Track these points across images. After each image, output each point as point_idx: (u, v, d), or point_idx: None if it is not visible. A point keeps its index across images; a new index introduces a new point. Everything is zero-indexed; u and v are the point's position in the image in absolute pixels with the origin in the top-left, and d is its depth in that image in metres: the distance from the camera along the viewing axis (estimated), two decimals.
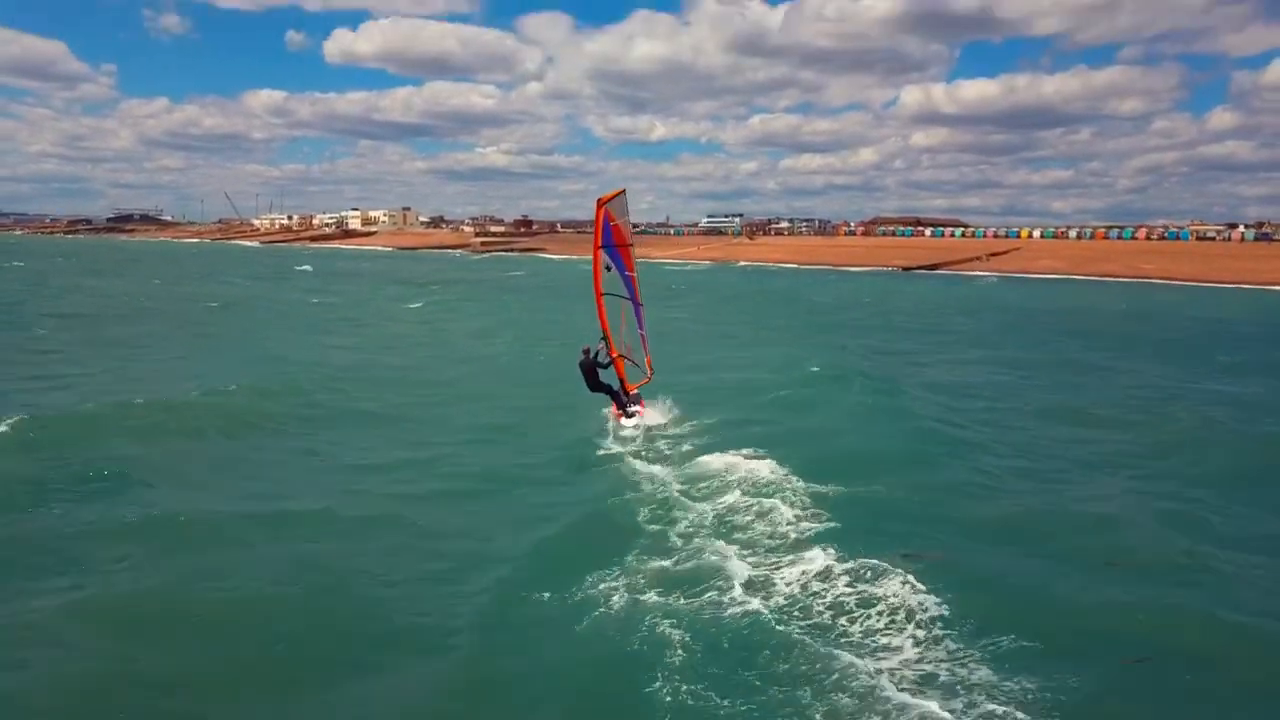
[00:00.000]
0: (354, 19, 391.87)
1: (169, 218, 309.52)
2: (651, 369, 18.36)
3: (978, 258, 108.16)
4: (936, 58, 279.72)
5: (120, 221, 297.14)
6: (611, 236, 17.59)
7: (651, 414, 17.54)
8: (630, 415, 17.21)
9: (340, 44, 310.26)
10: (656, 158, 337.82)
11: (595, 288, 17.27)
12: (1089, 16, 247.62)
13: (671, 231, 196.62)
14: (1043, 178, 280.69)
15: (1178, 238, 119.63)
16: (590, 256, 18.15)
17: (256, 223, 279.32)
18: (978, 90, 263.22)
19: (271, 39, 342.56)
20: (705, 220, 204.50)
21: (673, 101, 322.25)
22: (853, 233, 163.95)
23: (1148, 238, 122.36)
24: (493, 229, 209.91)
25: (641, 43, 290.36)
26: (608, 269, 17.44)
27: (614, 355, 17.38)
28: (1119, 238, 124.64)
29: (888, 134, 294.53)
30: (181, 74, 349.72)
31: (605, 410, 17.70)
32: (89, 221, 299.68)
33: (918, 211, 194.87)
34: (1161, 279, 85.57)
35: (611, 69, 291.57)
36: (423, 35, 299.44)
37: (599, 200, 17.42)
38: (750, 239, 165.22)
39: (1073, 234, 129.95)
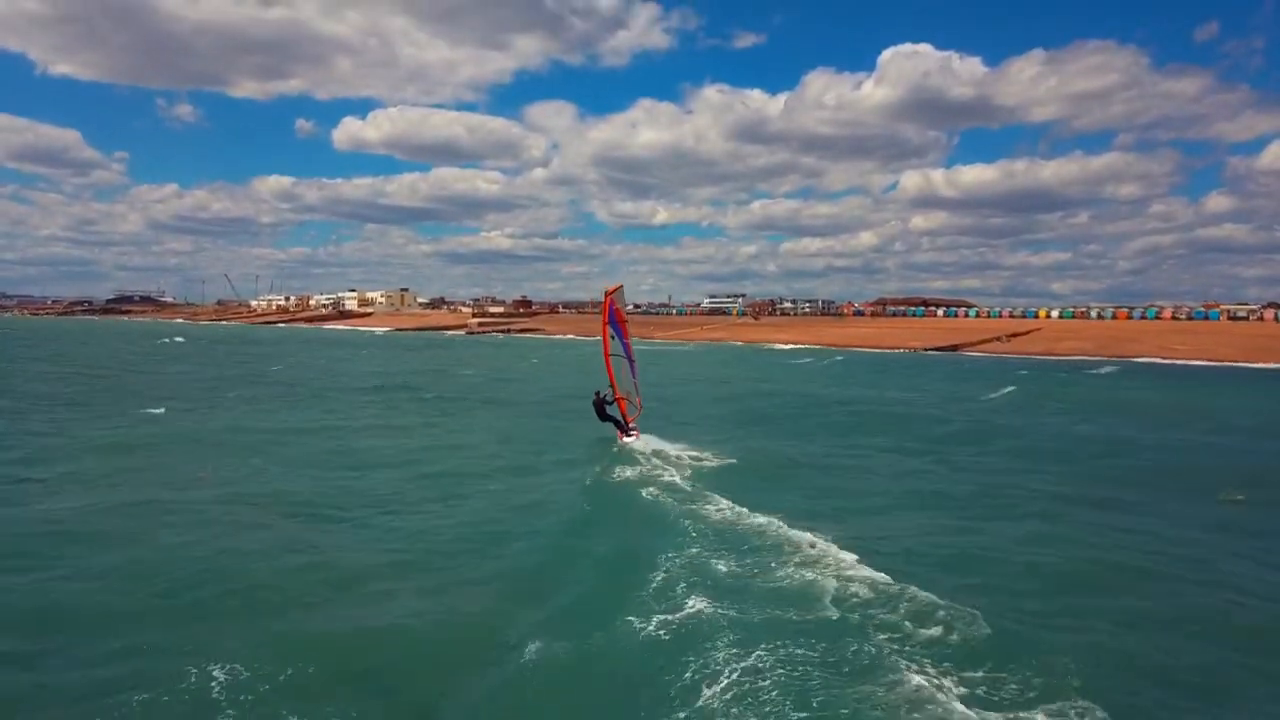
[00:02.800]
0: (363, 107, 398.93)
1: (170, 299, 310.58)
2: (641, 405, 24.95)
3: (998, 338, 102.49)
4: (935, 144, 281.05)
5: (119, 303, 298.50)
6: (615, 316, 24.33)
7: (645, 437, 23.54)
8: (630, 436, 23.56)
9: (349, 131, 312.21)
10: (659, 241, 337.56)
11: (604, 352, 24.06)
12: (1084, 104, 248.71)
13: (673, 312, 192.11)
14: (1042, 260, 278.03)
15: (1206, 317, 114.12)
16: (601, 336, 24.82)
17: (254, 304, 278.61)
18: (976, 175, 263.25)
19: (281, 127, 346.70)
20: (708, 301, 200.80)
21: (675, 187, 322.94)
22: (861, 313, 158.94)
23: (1173, 317, 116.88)
24: (491, 310, 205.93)
25: (644, 130, 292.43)
26: (613, 338, 24.12)
27: (618, 397, 24.05)
28: (1142, 317, 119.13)
29: (887, 217, 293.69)
30: (192, 160, 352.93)
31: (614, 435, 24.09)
32: (89, 303, 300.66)
33: (918, 293, 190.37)
34: (1200, 361, 79.24)
35: (615, 155, 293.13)
36: (430, 123, 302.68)
37: (607, 290, 24.81)
38: (755, 320, 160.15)
39: (1093, 314, 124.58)
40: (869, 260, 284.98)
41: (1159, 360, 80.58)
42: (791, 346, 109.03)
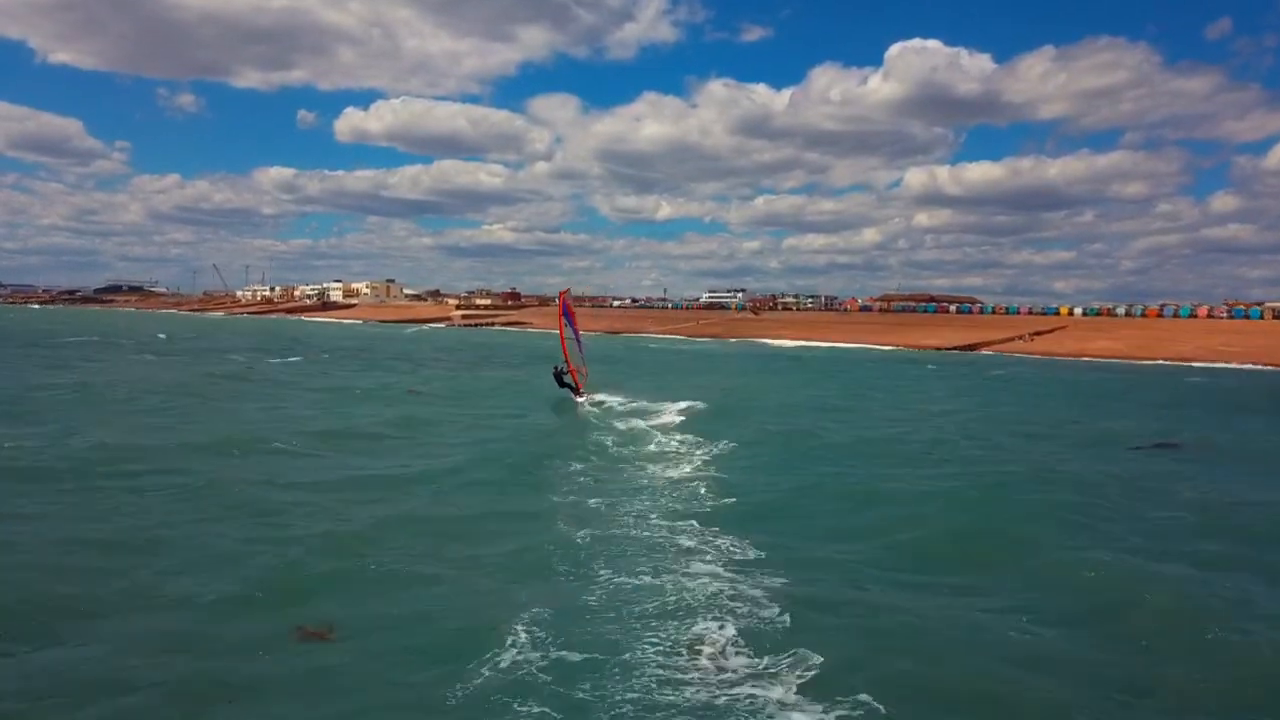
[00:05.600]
0: (365, 99, 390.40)
1: (164, 289, 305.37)
2: (586, 374, 33.89)
3: (1020, 337, 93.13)
4: (941, 141, 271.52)
5: (108, 292, 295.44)
6: (567, 310, 35.55)
7: (594, 397, 32.53)
8: (580, 398, 32.09)
9: (351, 122, 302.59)
10: (661, 236, 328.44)
11: (560, 336, 34.47)
12: (1093, 102, 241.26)
13: (669, 305, 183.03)
14: (1045, 258, 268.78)
15: (1246, 316, 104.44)
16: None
17: (239, 294, 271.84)
18: (982, 173, 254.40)
19: (283, 117, 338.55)
20: (706, 295, 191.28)
21: (679, 182, 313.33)
22: (868, 308, 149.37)
23: (1209, 315, 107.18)
24: (478, 302, 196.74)
25: (649, 124, 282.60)
26: (568, 325, 34.52)
27: (571, 369, 33.11)
28: (1174, 315, 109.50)
29: (891, 214, 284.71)
30: (194, 151, 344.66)
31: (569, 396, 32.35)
32: (74, 292, 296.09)
33: (921, 291, 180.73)
34: (1259, 365, 69.65)
35: (619, 149, 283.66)
36: (433, 115, 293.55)
37: (560, 292, 39.14)
38: (755, 315, 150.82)
39: (1120, 311, 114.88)
40: (872, 257, 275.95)
41: (1213, 364, 70.89)
42: (796, 343, 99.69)
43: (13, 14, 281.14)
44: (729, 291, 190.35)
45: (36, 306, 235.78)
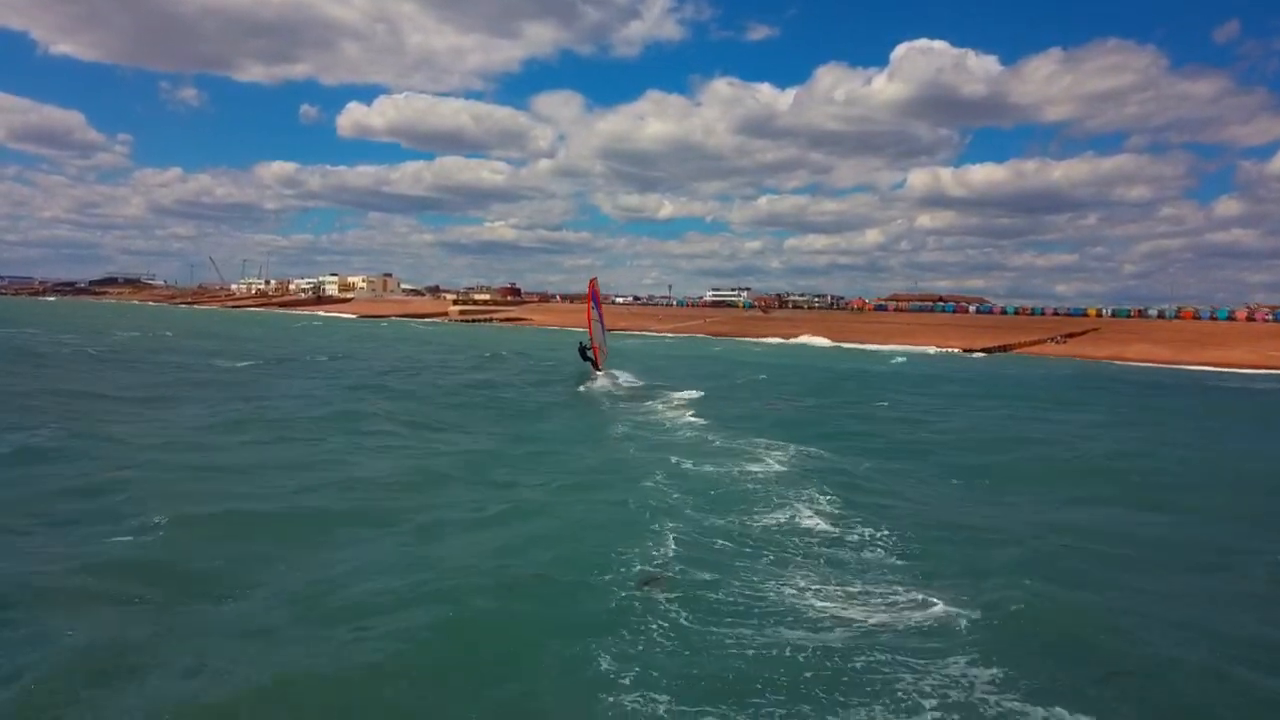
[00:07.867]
0: (369, 94, 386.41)
1: (160, 282, 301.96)
2: (606, 353, 41.74)
3: (1052, 339, 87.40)
4: (946, 142, 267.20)
5: (101, 284, 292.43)
6: (595, 296, 42.27)
7: (611, 373, 39.46)
8: (600, 372, 38.58)
9: (353, 118, 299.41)
10: (663, 235, 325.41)
11: (587, 318, 41.51)
12: (1099, 105, 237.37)
13: (673, 303, 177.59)
14: (1047, 261, 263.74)
15: None
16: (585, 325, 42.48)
17: (234, 288, 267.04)
18: (986, 175, 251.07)
19: (286, 112, 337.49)
20: (710, 293, 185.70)
21: (682, 181, 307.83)
22: (883, 308, 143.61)
23: (1248, 318, 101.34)
24: (476, 297, 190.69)
25: (652, 123, 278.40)
26: (594, 310, 41.34)
27: (594, 346, 40.11)
28: (1211, 317, 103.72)
29: (894, 215, 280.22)
30: (195, 145, 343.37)
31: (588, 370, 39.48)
32: (71, 284, 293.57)
33: (922, 291, 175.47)
34: None
35: (622, 148, 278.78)
36: (436, 111, 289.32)
37: (591, 279, 43.88)
38: (764, 313, 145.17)
39: (1153, 312, 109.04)
40: (874, 258, 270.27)
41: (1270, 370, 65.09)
42: (826, 343, 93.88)
43: (15, 6, 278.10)
44: (732, 290, 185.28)
45: (52, 298, 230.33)
